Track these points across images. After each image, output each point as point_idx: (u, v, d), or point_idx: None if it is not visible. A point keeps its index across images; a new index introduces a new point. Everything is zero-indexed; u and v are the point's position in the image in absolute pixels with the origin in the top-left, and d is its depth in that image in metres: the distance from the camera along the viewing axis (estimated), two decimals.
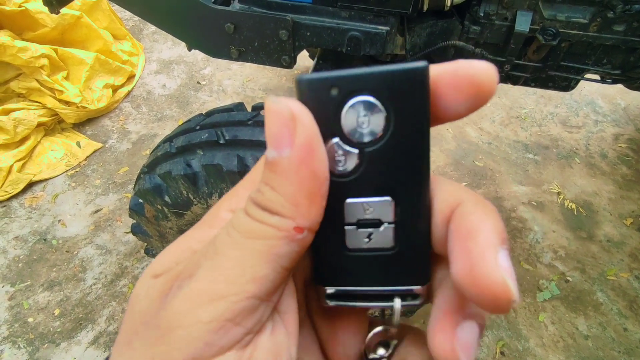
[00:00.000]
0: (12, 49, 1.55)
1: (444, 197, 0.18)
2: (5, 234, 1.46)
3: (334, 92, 0.17)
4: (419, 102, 0.17)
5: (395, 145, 0.17)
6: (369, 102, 0.17)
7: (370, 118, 0.17)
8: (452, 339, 0.17)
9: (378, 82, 0.17)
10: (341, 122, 0.17)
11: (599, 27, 0.93)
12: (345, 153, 0.18)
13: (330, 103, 0.17)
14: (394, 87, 0.17)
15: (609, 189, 1.66)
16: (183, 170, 0.74)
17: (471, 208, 0.17)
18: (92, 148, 1.71)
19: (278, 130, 0.16)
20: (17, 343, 1.22)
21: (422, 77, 0.17)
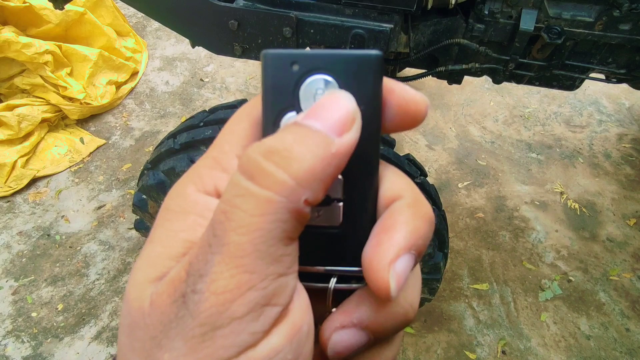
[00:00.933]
0: (16, 45, 1.56)
1: (390, 185, 0.19)
2: (9, 229, 1.47)
3: (295, 67, 0.18)
4: (372, 87, 0.18)
5: None
6: (326, 80, 0.18)
7: None
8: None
9: (336, 63, 0.18)
10: (299, 96, 0.18)
11: (605, 26, 0.92)
12: None
13: (290, 78, 0.18)
14: (350, 69, 0.18)
15: (612, 189, 1.65)
16: (186, 166, 0.74)
17: (404, 207, 0.19)
18: (95, 144, 1.72)
19: (346, 118, 0.17)
20: (21, 337, 1.23)
21: (376, 64, 0.18)
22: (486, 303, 1.34)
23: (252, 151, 0.16)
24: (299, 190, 0.16)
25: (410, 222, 0.18)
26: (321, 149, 0.16)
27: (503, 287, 1.37)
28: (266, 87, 0.18)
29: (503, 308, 1.33)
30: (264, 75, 0.18)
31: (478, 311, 1.32)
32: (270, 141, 0.16)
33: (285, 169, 0.16)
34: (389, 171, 0.20)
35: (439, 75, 1.12)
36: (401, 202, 0.19)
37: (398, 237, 0.17)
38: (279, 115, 0.18)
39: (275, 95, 0.18)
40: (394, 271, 0.17)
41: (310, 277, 0.20)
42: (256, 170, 0.16)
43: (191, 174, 0.20)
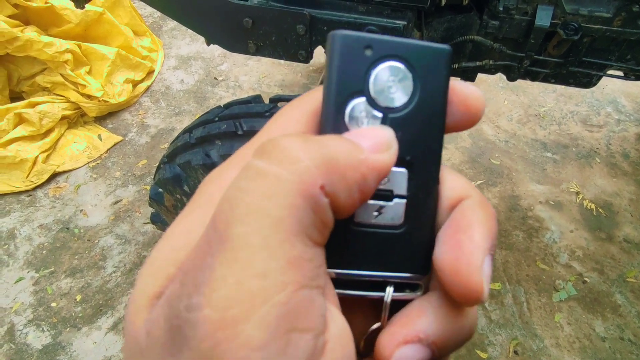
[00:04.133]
0: (38, 44, 1.61)
1: (454, 185, 0.18)
2: (31, 222, 1.52)
3: (368, 52, 0.17)
4: (442, 80, 0.18)
5: (418, 116, 0.18)
6: (399, 69, 0.17)
7: (398, 84, 0.17)
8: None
9: (411, 52, 0.17)
10: (369, 83, 0.17)
11: (623, 22, 0.90)
12: (369, 115, 0.17)
13: (362, 62, 0.17)
14: (424, 60, 0.17)
15: (630, 190, 1.62)
16: (202, 160, 0.76)
17: (476, 206, 0.17)
18: (112, 141, 1.76)
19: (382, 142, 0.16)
20: (41, 326, 1.27)
21: (449, 59, 0.18)
22: (498, 303, 1.33)
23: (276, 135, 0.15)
24: (313, 171, 0.14)
25: (486, 222, 0.17)
26: (349, 150, 0.15)
27: (516, 287, 1.36)
28: (333, 70, 0.17)
29: (516, 308, 1.32)
30: (332, 57, 0.17)
31: (490, 310, 1.31)
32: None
33: (304, 149, 0.14)
34: (446, 170, 0.19)
35: (452, 72, 1.12)
36: (470, 201, 0.18)
37: (478, 238, 0.16)
38: (346, 100, 0.17)
39: (343, 79, 0.17)
40: (484, 273, 0.15)
41: (353, 285, 0.18)
42: (271, 148, 0.14)
43: (235, 158, 0.17)
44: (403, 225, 0.18)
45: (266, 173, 0.14)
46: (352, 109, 0.17)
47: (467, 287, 0.15)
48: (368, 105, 0.17)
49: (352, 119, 0.17)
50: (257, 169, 0.14)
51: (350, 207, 0.15)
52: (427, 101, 0.18)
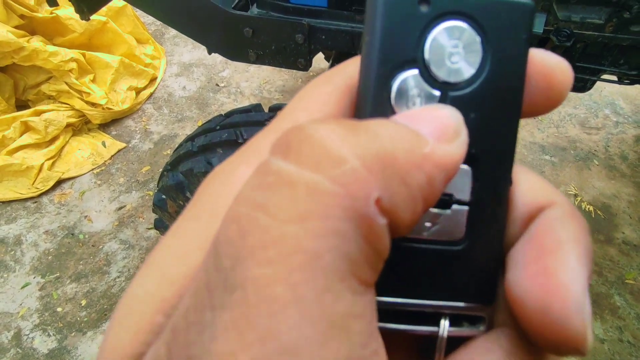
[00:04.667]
0: (44, 53, 1.65)
1: (532, 188, 0.14)
2: (37, 228, 1.55)
3: (423, 8, 0.13)
4: (520, 48, 0.13)
5: (487, 95, 0.13)
6: (465, 30, 0.13)
7: (463, 52, 0.13)
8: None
9: (480, 7, 0.13)
10: (425, 49, 0.13)
11: (615, 28, 0.92)
12: (423, 92, 0.13)
13: (415, 21, 0.13)
14: (497, 18, 0.13)
15: (628, 192, 1.63)
16: (204, 167, 0.78)
17: (566, 218, 0.13)
18: (116, 148, 1.79)
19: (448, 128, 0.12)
20: (47, 331, 1.29)
21: (530, 16, 0.13)
22: None
23: (300, 123, 0.11)
24: (365, 176, 0.10)
25: (581, 241, 0.13)
26: (408, 142, 0.11)
27: None
28: (376, 31, 0.13)
29: None
30: (374, 14, 0.13)
31: None
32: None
33: (348, 142, 0.10)
34: (521, 169, 0.15)
35: None
36: (556, 211, 0.13)
37: (575, 264, 0.12)
38: (393, 72, 0.13)
39: (389, 44, 0.13)
40: (586, 314, 0.11)
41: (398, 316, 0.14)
42: (300, 142, 0.10)
43: (249, 149, 0.13)
44: (464, 241, 0.14)
45: (295, 181, 0.09)
46: (400, 84, 0.13)
47: (562, 333, 0.11)
48: (422, 79, 0.13)
49: (401, 97, 0.13)
50: (281, 174, 0.10)
51: (410, 225, 0.11)
52: (501, 75, 0.13)
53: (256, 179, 0.10)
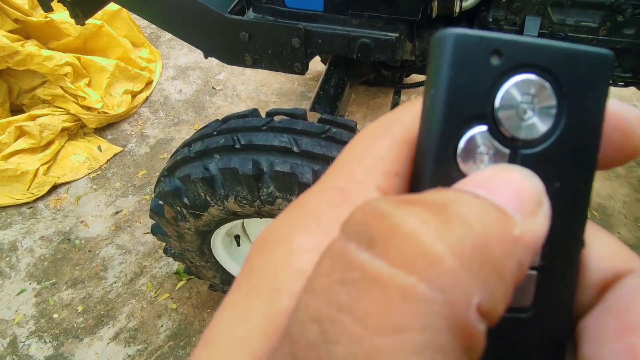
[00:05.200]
0: (38, 57, 1.64)
1: (607, 252, 0.13)
2: (32, 234, 1.53)
3: (494, 60, 0.12)
4: (598, 103, 0.13)
5: (561, 153, 0.12)
6: (540, 85, 0.12)
7: (537, 107, 0.12)
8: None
9: (557, 60, 0.12)
10: (496, 104, 0.12)
11: (609, 31, 0.93)
12: (492, 150, 0.12)
13: (485, 74, 0.12)
14: (574, 72, 0.12)
15: (624, 192, 1.64)
16: (201, 173, 0.78)
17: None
18: (112, 152, 1.78)
19: (532, 198, 0.11)
20: (43, 338, 1.28)
21: (609, 69, 0.13)
22: None
23: (376, 200, 0.10)
24: (467, 279, 0.09)
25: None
26: (498, 224, 0.10)
27: None
28: (442, 84, 0.12)
29: None
30: (440, 65, 0.12)
31: None
32: (411, 194, 0.10)
33: (441, 235, 0.09)
34: (593, 229, 0.14)
35: None
36: (637, 280, 0.12)
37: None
38: (460, 128, 0.12)
39: (457, 98, 0.12)
40: None
41: None
42: (382, 230, 0.09)
43: (302, 211, 0.12)
44: (532, 308, 0.13)
45: (386, 283, 0.08)
46: (468, 142, 0.12)
47: None
48: (491, 136, 0.12)
49: (468, 155, 0.12)
50: (367, 271, 0.09)
51: (501, 315, 0.10)
52: (576, 132, 0.12)
53: (335, 271, 0.09)
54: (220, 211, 0.85)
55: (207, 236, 0.99)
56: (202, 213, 0.86)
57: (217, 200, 0.82)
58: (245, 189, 0.79)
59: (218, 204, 0.83)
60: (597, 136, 0.13)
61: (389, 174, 0.12)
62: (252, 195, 0.79)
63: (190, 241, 0.99)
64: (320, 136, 0.77)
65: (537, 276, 0.13)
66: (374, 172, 0.12)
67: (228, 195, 0.80)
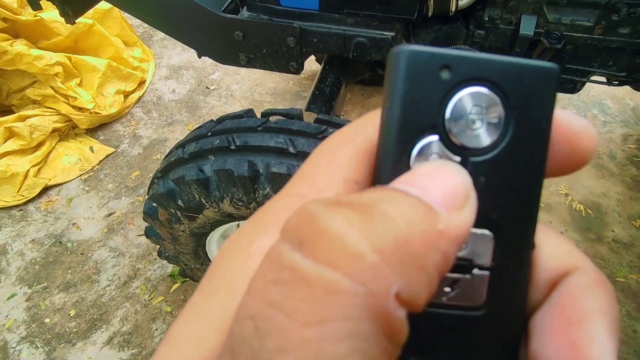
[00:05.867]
0: (28, 57, 1.60)
1: (555, 251, 0.14)
2: (22, 237, 1.50)
3: (445, 74, 0.13)
4: (544, 114, 0.13)
5: (509, 161, 0.13)
6: (488, 97, 0.13)
7: (485, 118, 0.13)
8: None
9: (504, 73, 0.13)
10: (446, 115, 0.13)
11: (604, 30, 0.93)
12: (443, 157, 0.13)
13: (436, 88, 0.13)
14: (521, 85, 0.13)
15: (617, 190, 1.65)
16: (196, 175, 0.77)
17: (593, 286, 0.13)
18: (104, 153, 1.76)
19: (457, 192, 0.11)
20: (35, 343, 1.26)
21: (554, 81, 0.13)
22: None
23: (309, 203, 0.11)
24: (386, 272, 0.09)
25: (609, 312, 0.12)
26: (422, 220, 0.10)
27: None
28: (397, 98, 0.13)
29: None
30: (395, 80, 0.13)
31: None
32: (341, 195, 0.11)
33: (365, 232, 0.10)
34: (544, 231, 0.14)
35: None
36: (582, 277, 0.13)
37: (603, 338, 0.11)
38: (413, 139, 0.13)
39: (410, 111, 0.13)
40: None
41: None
42: (310, 232, 0.10)
43: (264, 217, 0.13)
44: (484, 306, 0.13)
45: (312, 280, 0.09)
46: (420, 150, 0.13)
47: None
48: (442, 145, 0.13)
49: (421, 163, 0.13)
50: (296, 270, 0.09)
51: (426, 304, 0.10)
52: (524, 141, 0.13)
53: (269, 272, 0.10)
54: (215, 213, 0.84)
55: (202, 238, 0.97)
56: (197, 215, 0.85)
57: (212, 203, 0.81)
58: (241, 191, 0.77)
59: (213, 206, 0.81)
60: (545, 145, 0.13)
61: (349, 181, 0.13)
62: (248, 197, 0.78)
63: (185, 244, 0.98)
64: (317, 136, 0.76)
65: (489, 277, 0.13)
66: (334, 180, 0.13)
67: (223, 197, 0.79)
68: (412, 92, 0.13)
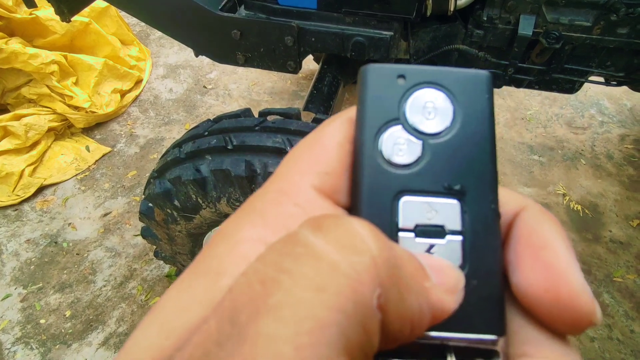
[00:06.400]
0: (23, 55, 1.59)
1: (503, 200, 0.16)
2: (17, 237, 1.49)
3: (401, 81, 0.17)
4: (484, 104, 0.16)
5: (462, 141, 0.16)
6: (437, 94, 0.16)
7: (436, 109, 0.16)
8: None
9: (446, 78, 0.16)
10: (405, 109, 0.16)
11: (602, 30, 0.93)
12: (407, 141, 0.16)
13: (396, 91, 0.16)
14: (462, 86, 0.16)
15: (615, 190, 1.65)
16: (192, 175, 0.76)
17: (540, 217, 0.15)
18: (101, 152, 1.74)
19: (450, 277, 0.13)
20: (30, 344, 1.25)
21: (488, 82, 0.17)
22: None
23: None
24: (377, 273, 0.11)
25: (560, 232, 0.14)
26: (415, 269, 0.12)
27: None
28: (366, 101, 0.16)
29: None
30: (364, 89, 0.17)
31: None
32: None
33: (374, 238, 0.11)
34: None
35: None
36: (531, 213, 0.15)
37: (564, 252, 0.14)
38: (381, 129, 0.16)
39: (376, 109, 0.16)
40: (589, 290, 0.13)
41: (402, 353, 0.13)
42: (330, 222, 0.12)
43: (248, 211, 0.14)
44: (462, 268, 0.15)
45: (320, 256, 0.11)
46: (388, 137, 0.16)
47: (575, 313, 0.13)
48: (405, 131, 0.16)
49: (388, 147, 0.16)
50: (309, 247, 0.11)
51: (392, 340, 0.11)
52: (472, 125, 0.16)
53: (285, 246, 0.11)
54: (212, 213, 0.83)
55: (199, 239, 0.96)
56: (194, 215, 0.84)
57: (209, 203, 0.80)
58: (238, 191, 0.77)
59: (210, 206, 0.81)
60: (490, 129, 0.16)
61: (321, 174, 0.15)
62: (245, 197, 0.77)
63: (181, 244, 0.97)
64: None
65: (462, 240, 0.15)
66: (308, 174, 0.15)
67: (220, 197, 0.78)
68: (377, 96, 0.16)
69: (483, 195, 0.15)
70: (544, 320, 0.14)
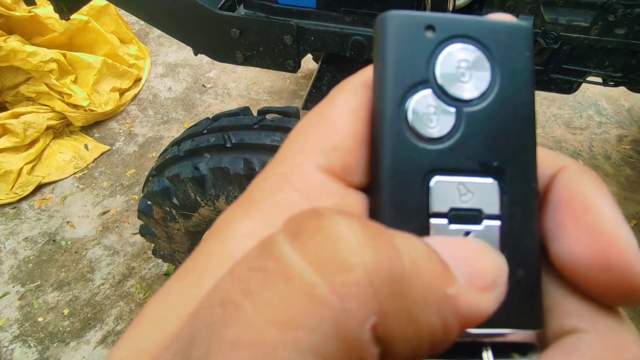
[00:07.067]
0: (22, 53, 1.59)
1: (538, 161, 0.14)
2: (16, 235, 1.49)
3: (429, 34, 0.14)
4: (525, 64, 0.14)
5: (501, 109, 0.14)
6: (472, 51, 0.14)
7: (472, 70, 0.14)
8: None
9: (483, 31, 0.14)
10: (435, 69, 0.14)
11: (600, 31, 0.94)
12: (438, 109, 0.14)
13: (423, 46, 0.14)
14: (500, 40, 0.14)
15: (612, 191, 1.66)
16: (191, 173, 0.76)
17: (580, 176, 0.13)
18: (99, 151, 1.74)
19: (486, 270, 0.11)
20: (28, 342, 1.25)
21: (529, 36, 0.14)
22: None
23: (324, 206, 0.11)
24: (369, 296, 0.08)
25: (604, 190, 0.13)
26: (431, 273, 0.09)
27: None
28: (388, 59, 0.13)
29: None
30: (384, 43, 0.14)
31: None
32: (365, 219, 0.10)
33: (361, 249, 0.09)
34: None
35: None
36: (569, 172, 0.13)
37: (611, 213, 0.12)
38: (407, 93, 0.13)
39: (401, 68, 0.13)
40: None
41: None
42: (310, 227, 0.09)
43: (245, 200, 0.13)
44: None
45: (292, 276, 0.08)
46: (416, 104, 0.13)
47: (630, 283, 0.11)
48: (436, 97, 0.14)
49: (417, 116, 0.13)
50: (281, 262, 0.08)
51: (401, 352, 0.09)
52: (511, 89, 0.14)
53: (256, 259, 0.09)
54: (211, 212, 0.83)
55: (197, 237, 0.96)
56: (192, 214, 0.84)
57: (207, 201, 0.80)
58: (237, 189, 0.77)
59: (209, 204, 0.81)
60: (530, 92, 0.14)
61: (327, 150, 0.13)
62: None
63: (180, 242, 0.97)
64: None
65: (500, 226, 0.13)
66: (312, 152, 0.13)
67: (219, 195, 0.78)
68: (401, 51, 0.14)
69: (523, 173, 0.13)
70: (592, 292, 0.12)
